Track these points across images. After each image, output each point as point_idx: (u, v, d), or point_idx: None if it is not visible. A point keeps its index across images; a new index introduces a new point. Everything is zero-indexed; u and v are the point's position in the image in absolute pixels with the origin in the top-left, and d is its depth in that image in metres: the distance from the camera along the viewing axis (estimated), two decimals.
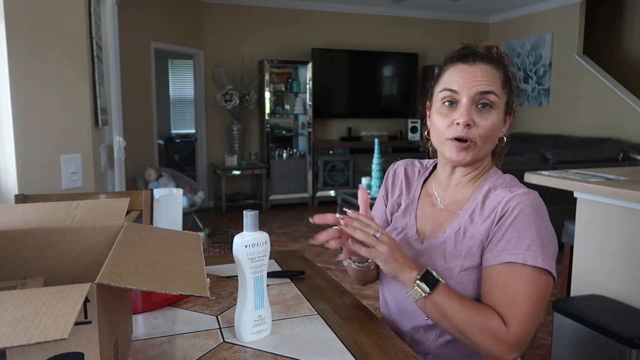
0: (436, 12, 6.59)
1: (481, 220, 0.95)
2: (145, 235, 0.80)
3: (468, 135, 0.94)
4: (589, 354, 1.74)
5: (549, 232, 0.91)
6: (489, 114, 0.94)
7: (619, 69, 5.59)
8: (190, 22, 5.59)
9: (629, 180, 1.96)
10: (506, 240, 0.90)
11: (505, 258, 0.89)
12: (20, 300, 0.53)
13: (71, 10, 1.75)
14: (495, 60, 0.98)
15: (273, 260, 1.34)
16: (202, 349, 0.84)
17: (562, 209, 2.79)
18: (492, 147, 1.00)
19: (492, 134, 0.96)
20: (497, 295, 0.88)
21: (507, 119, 1.01)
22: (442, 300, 0.88)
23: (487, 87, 0.94)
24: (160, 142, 6.42)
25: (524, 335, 0.86)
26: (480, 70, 0.95)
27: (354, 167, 6.08)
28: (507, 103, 0.99)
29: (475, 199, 0.99)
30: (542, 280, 0.88)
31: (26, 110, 1.61)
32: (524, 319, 0.86)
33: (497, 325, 0.86)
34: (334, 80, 6.26)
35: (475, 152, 0.96)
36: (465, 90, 0.94)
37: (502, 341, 0.85)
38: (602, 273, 1.98)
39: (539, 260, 0.87)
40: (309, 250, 4.21)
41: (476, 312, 0.87)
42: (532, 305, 0.86)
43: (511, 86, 1.00)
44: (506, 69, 1.00)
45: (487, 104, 0.94)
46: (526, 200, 0.91)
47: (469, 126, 0.93)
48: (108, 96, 2.50)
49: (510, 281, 0.88)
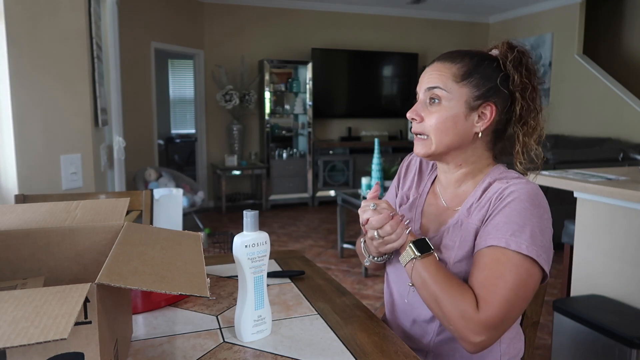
0: (436, 12, 6.59)
1: (477, 210, 0.96)
2: (145, 235, 0.80)
3: (418, 130, 1.00)
4: (589, 354, 1.74)
5: (543, 222, 0.90)
6: (436, 108, 0.98)
7: (619, 69, 5.59)
8: (190, 22, 5.59)
9: (629, 180, 1.96)
10: (494, 224, 0.90)
11: (490, 241, 0.89)
12: (20, 300, 0.53)
13: (71, 10, 1.75)
14: (457, 55, 0.99)
15: (273, 260, 1.34)
16: (202, 349, 0.84)
17: (562, 209, 2.79)
18: (452, 140, 0.97)
19: (442, 127, 0.97)
20: (475, 276, 0.89)
21: (485, 111, 0.97)
22: (427, 266, 0.91)
23: (431, 83, 0.98)
24: (160, 142, 6.42)
25: (494, 319, 0.84)
26: (432, 69, 1.00)
27: (354, 167, 6.08)
28: (476, 96, 0.96)
29: (475, 193, 0.99)
30: (525, 268, 0.86)
31: (26, 110, 1.61)
32: (496, 303, 0.85)
33: (468, 303, 0.86)
34: (334, 80, 6.26)
35: (430, 145, 0.99)
36: (420, 89, 1.01)
37: (468, 320, 0.85)
38: (602, 273, 1.98)
39: (522, 246, 0.86)
40: (309, 250, 4.21)
41: (456, 287, 0.88)
42: (508, 290, 0.85)
43: (487, 79, 0.96)
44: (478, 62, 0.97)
45: (434, 98, 0.98)
46: (522, 189, 0.91)
47: (415, 120, 1.00)
48: (108, 96, 2.50)
49: (490, 263, 0.88)
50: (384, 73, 6.42)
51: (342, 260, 3.92)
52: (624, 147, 4.37)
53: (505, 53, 0.99)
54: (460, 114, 0.97)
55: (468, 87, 0.97)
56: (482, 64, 0.98)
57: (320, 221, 5.22)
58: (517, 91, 0.97)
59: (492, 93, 0.97)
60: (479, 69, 0.97)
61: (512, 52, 0.98)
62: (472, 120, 0.98)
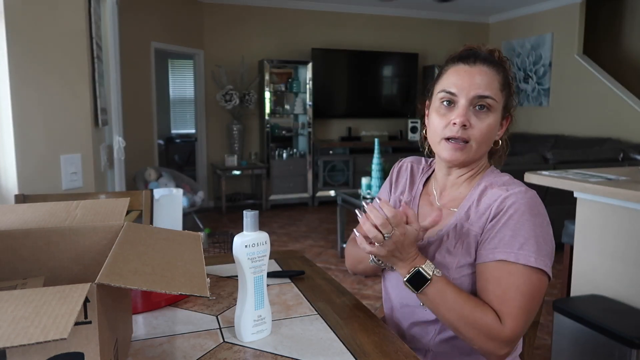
0: (436, 12, 6.59)
1: (477, 217, 0.96)
2: (145, 235, 0.80)
3: (463, 136, 0.95)
4: (589, 354, 1.74)
5: (545, 231, 0.91)
6: (486, 116, 0.96)
7: (619, 69, 5.59)
8: (190, 22, 5.59)
9: (629, 180, 1.96)
10: (499, 238, 0.91)
11: (498, 256, 0.89)
12: (20, 300, 0.53)
13: (71, 10, 1.75)
14: (495, 62, 0.99)
15: (273, 260, 1.34)
16: (202, 349, 0.84)
17: (562, 209, 2.79)
18: (487, 149, 1.01)
19: (487, 136, 0.97)
20: (491, 291, 0.89)
21: (505, 122, 1.02)
22: (433, 297, 0.90)
23: (485, 91, 0.95)
24: (160, 142, 6.41)
25: (519, 330, 0.87)
26: (479, 73, 0.96)
27: (354, 167, 6.08)
28: (505, 106, 1.00)
29: (471, 196, 0.99)
30: (536, 278, 0.88)
31: (26, 110, 1.61)
32: (518, 315, 0.86)
33: (491, 321, 0.87)
34: (334, 80, 6.26)
35: (469, 154, 0.97)
36: (463, 93, 0.95)
37: (495, 337, 0.86)
38: (602, 273, 1.98)
39: (531, 259, 0.87)
40: (309, 250, 4.21)
41: (471, 308, 0.88)
42: (525, 300, 0.87)
43: (510, 89, 1.01)
44: (506, 72, 1.01)
45: (484, 106, 0.95)
46: (522, 199, 0.91)
47: (464, 127, 0.95)
48: (108, 96, 2.50)
49: (503, 277, 0.89)
50: (384, 73, 6.42)
51: (342, 260, 3.92)
52: (624, 147, 4.37)
53: (504, 62, 1.03)
54: (497, 123, 0.99)
55: (504, 97, 0.99)
56: (505, 74, 1.00)
57: (320, 221, 5.22)
58: (514, 98, 1.03)
59: (511, 102, 1.02)
60: (506, 79, 1.00)
61: (507, 61, 1.03)
62: (498, 129, 1.00)
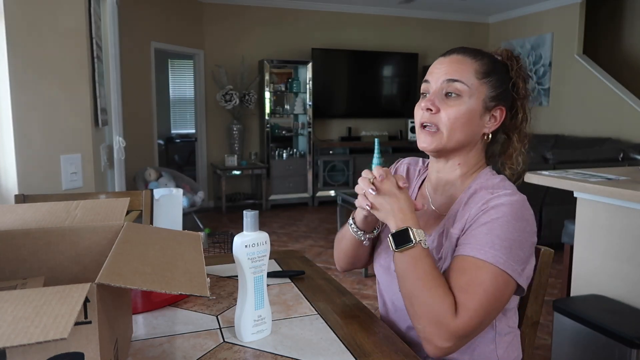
0: (436, 12, 6.59)
1: (460, 220, 0.94)
2: (145, 235, 0.80)
3: (431, 121, 0.96)
4: (589, 354, 1.74)
5: (524, 237, 0.88)
6: (454, 102, 0.95)
7: (619, 69, 5.59)
8: (190, 22, 5.59)
9: (629, 180, 1.96)
10: (474, 234, 0.89)
11: (468, 251, 0.87)
12: (20, 300, 0.53)
13: (71, 10, 1.75)
14: (477, 52, 0.99)
15: (273, 260, 1.34)
16: (202, 349, 0.84)
17: (562, 209, 2.79)
18: (464, 137, 0.97)
19: (458, 123, 0.95)
20: (455, 279, 0.87)
21: (496, 113, 0.99)
22: (407, 261, 0.87)
23: (453, 75, 0.95)
24: (160, 142, 6.41)
25: (470, 327, 0.83)
26: (451, 60, 0.97)
27: (354, 167, 6.08)
28: (492, 97, 0.97)
29: (460, 200, 0.98)
30: (503, 279, 0.85)
31: (26, 110, 1.61)
32: (475, 310, 0.83)
33: (447, 307, 0.83)
34: (334, 80, 6.26)
35: (441, 139, 0.96)
36: (434, 79, 0.97)
37: (442, 325, 0.83)
38: (602, 273, 1.98)
39: (500, 260, 0.85)
40: (309, 250, 4.21)
41: (436, 286, 0.85)
42: (487, 298, 0.84)
43: (503, 82, 0.98)
44: (494, 63, 0.99)
45: (452, 92, 0.95)
46: (506, 202, 0.89)
47: (430, 111, 0.95)
48: (108, 96, 2.50)
49: (469, 269, 0.86)
50: (384, 73, 6.42)
51: None
52: (624, 147, 4.37)
53: (510, 60, 1.02)
54: (476, 111, 0.96)
55: (487, 86, 0.97)
56: (498, 66, 1.00)
57: (320, 221, 5.22)
58: (519, 99, 1.01)
59: (505, 96, 1.00)
60: (497, 70, 0.99)
61: (516, 61, 1.02)
62: (484, 120, 0.98)
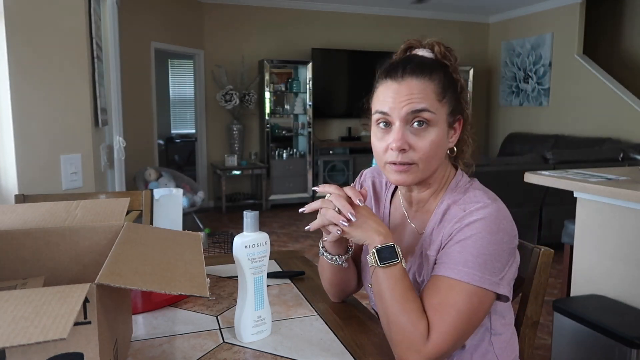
0: (436, 12, 6.58)
1: (437, 239, 0.90)
2: (145, 235, 0.80)
3: (405, 160, 0.87)
4: (589, 354, 1.74)
5: (501, 248, 0.84)
6: (426, 133, 0.87)
7: (619, 69, 5.59)
8: (190, 22, 5.59)
9: (629, 180, 1.96)
10: (447, 253, 0.85)
11: (442, 270, 0.84)
12: (20, 300, 0.53)
13: (71, 10, 1.75)
14: (428, 67, 0.89)
15: (273, 261, 1.34)
16: (202, 349, 0.84)
17: (562, 209, 2.79)
18: (439, 163, 0.91)
19: (434, 153, 0.88)
20: (427, 298, 0.84)
21: (457, 125, 0.93)
22: (389, 278, 0.83)
23: (418, 104, 0.86)
24: (160, 142, 6.41)
25: (442, 348, 0.80)
26: (408, 87, 0.87)
27: (354, 167, 6.08)
28: (450, 112, 0.90)
29: (434, 217, 0.93)
30: (477, 297, 0.82)
31: (26, 110, 1.61)
32: (447, 332, 0.80)
33: (419, 334, 0.80)
34: (334, 80, 6.26)
35: (417, 174, 0.89)
36: (396, 112, 0.87)
37: (415, 352, 0.80)
38: (602, 273, 1.98)
39: (475, 278, 0.82)
40: (309, 250, 4.20)
41: (410, 312, 0.82)
42: (459, 318, 0.81)
43: (453, 91, 0.91)
44: (446, 72, 0.91)
45: (422, 121, 0.86)
46: (479, 217, 0.85)
47: (404, 150, 0.86)
48: (108, 96, 2.50)
49: (442, 289, 0.83)
50: None
51: None
52: (624, 147, 4.37)
53: (444, 55, 0.93)
54: (443, 133, 0.89)
55: (447, 104, 0.89)
56: (447, 75, 0.91)
57: None
58: (463, 97, 0.94)
59: (459, 105, 0.92)
60: (448, 81, 0.90)
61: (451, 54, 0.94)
62: (448, 137, 0.91)
